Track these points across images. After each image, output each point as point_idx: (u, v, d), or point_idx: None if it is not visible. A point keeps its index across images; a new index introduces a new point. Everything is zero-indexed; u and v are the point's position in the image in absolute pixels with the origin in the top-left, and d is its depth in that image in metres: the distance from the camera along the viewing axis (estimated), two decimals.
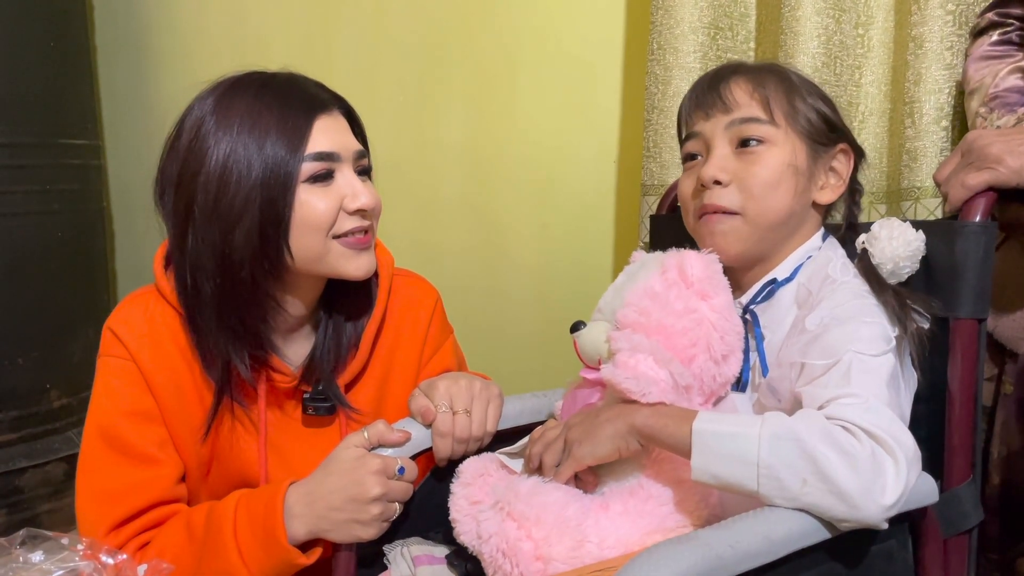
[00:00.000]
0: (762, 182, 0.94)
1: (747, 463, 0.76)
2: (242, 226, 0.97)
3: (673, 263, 0.90)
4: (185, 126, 1.02)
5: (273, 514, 0.95)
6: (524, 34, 1.80)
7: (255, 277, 1.00)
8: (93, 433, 1.04)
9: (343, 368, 1.09)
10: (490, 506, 0.86)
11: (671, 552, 0.67)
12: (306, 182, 0.98)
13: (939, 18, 1.30)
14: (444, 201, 1.92)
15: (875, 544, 0.83)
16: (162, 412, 1.04)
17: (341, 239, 1.01)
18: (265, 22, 2.02)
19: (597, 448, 0.85)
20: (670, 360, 0.84)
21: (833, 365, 0.83)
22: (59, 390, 1.92)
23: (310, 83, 1.05)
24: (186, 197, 1.00)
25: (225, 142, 0.98)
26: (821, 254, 0.97)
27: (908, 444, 0.76)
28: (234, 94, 1.01)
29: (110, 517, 1.00)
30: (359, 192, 1.01)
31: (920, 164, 1.33)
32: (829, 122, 0.98)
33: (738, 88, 0.97)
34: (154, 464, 1.03)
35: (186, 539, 0.98)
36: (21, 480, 1.85)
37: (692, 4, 1.50)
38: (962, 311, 0.91)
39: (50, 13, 1.88)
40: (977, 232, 0.91)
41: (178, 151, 1.02)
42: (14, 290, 1.83)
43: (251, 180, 0.97)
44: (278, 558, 0.94)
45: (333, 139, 1.01)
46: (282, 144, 0.98)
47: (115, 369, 1.05)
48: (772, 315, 0.95)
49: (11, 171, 1.81)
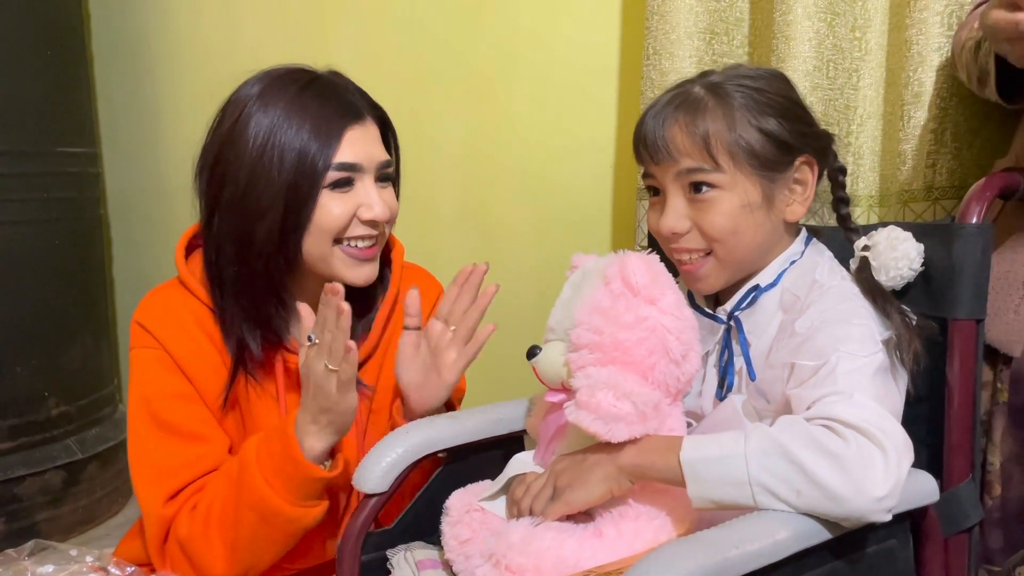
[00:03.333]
0: (720, 229, 0.93)
1: (740, 484, 0.77)
2: (264, 222, 1.02)
3: (615, 272, 0.88)
4: (227, 111, 1.06)
5: (286, 437, 0.99)
6: (520, 39, 1.81)
7: (269, 269, 1.05)
8: (140, 417, 1.07)
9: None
10: (485, 559, 0.85)
11: (678, 553, 0.68)
12: (327, 187, 1.03)
13: (927, 20, 1.30)
14: (441, 206, 1.93)
15: (877, 544, 0.84)
16: (199, 393, 1.07)
17: (344, 246, 1.06)
18: (261, 31, 2.03)
19: (591, 493, 0.86)
20: (630, 391, 0.83)
21: (821, 366, 0.84)
22: (57, 398, 1.92)
23: (350, 89, 1.09)
24: (218, 183, 1.04)
25: (260, 138, 1.01)
26: (806, 259, 0.97)
27: (896, 433, 0.77)
28: (277, 89, 1.04)
29: (166, 489, 1.04)
30: (374, 203, 1.06)
31: (908, 167, 1.33)
32: (780, 142, 0.93)
33: (678, 133, 0.92)
34: (203, 440, 1.07)
35: (226, 487, 1.03)
36: (19, 488, 1.84)
37: (687, 9, 1.51)
38: (960, 312, 0.92)
39: (47, 22, 1.89)
40: (974, 234, 0.92)
41: (217, 136, 1.06)
42: (12, 298, 1.83)
43: (280, 180, 1.01)
44: (301, 476, 0.99)
45: (360, 150, 1.05)
46: (313, 150, 1.01)
47: (148, 359, 1.08)
48: (756, 320, 0.96)
49: (9, 179, 1.81)
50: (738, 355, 0.96)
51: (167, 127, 2.19)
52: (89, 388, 2.02)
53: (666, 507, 0.86)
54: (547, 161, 1.84)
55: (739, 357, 0.96)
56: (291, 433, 0.99)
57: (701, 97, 0.93)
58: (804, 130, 0.95)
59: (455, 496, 1.01)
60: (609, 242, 1.83)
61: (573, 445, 0.92)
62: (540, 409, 1.03)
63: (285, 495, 0.99)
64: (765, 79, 0.96)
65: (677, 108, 0.93)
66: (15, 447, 1.84)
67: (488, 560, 0.84)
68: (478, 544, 0.93)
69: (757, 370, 0.94)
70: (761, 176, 0.93)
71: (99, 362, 2.06)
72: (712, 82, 0.95)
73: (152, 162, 2.23)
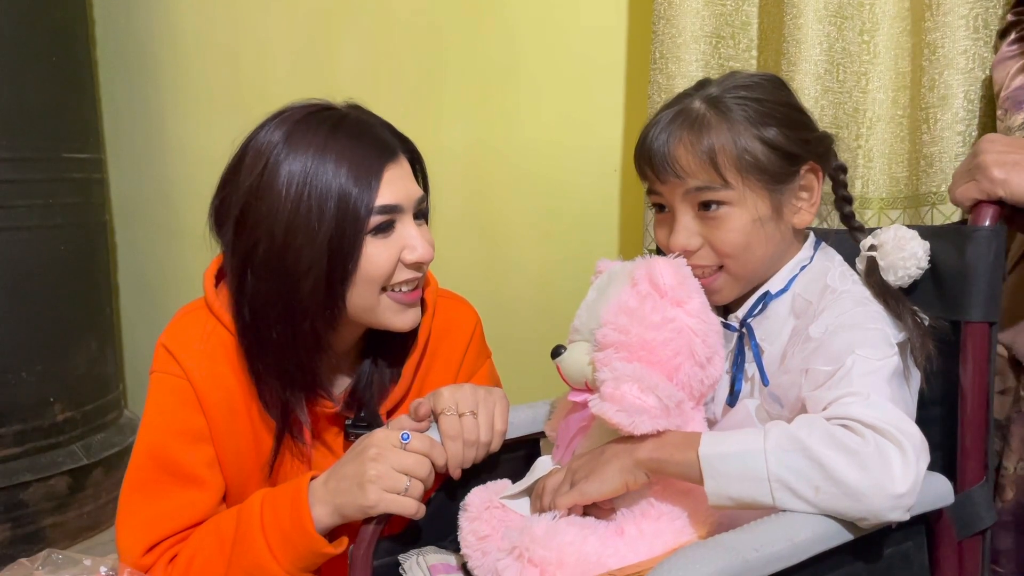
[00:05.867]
0: (732, 245, 0.93)
1: (758, 479, 0.76)
2: (309, 278, 0.96)
3: (643, 274, 0.88)
4: (248, 160, 0.98)
5: (298, 504, 0.95)
6: (526, 43, 1.81)
7: (316, 328, 0.99)
8: (143, 452, 1.03)
9: (385, 397, 1.09)
10: (507, 552, 0.85)
11: (698, 556, 0.68)
12: (369, 233, 0.97)
13: (952, 24, 1.30)
14: (446, 211, 1.91)
15: (894, 546, 0.84)
16: (212, 432, 1.03)
17: (392, 293, 1.01)
18: (266, 36, 2.03)
19: (605, 484, 0.86)
20: (655, 385, 0.83)
21: (837, 370, 0.83)
22: (62, 403, 1.92)
23: (378, 124, 1.03)
24: (250, 238, 0.97)
25: (295, 187, 0.95)
26: (816, 264, 0.97)
27: (913, 433, 0.77)
28: (304, 132, 0.97)
29: (149, 538, 1.00)
30: (416, 244, 1.00)
31: (935, 169, 1.33)
32: (785, 153, 0.92)
33: (683, 152, 0.92)
34: (200, 485, 1.02)
35: (215, 544, 0.98)
36: (25, 494, 1.84)
37: (694, 13, 1.52)
38: (973, 314, 0.92)
39: (52, 28, 1.89)
40: (987, 237, 0.91)
41: (241, 184, 0.98)
42: (17, 303, 1.84)
43: (322, 231, 0.94)
44: (305, 548, 0.94)
45: (399, 190, 0.99)
46: (354, 195, 0.95)
47: (169, 387, 1.03)
48: (768, 327, 0.96)
49: (13, 185, 1.82)
50: (750, 361, 0.96)
51: (171, 133, 2.20)
52: (94, 393, 2.02)
53: (688, 508, 0.85)
54: (553, 164, 1.85)
55: (751, 363, 0.96)
56: (304, 497, 0.95)
57: (703, 113, 0.92)
58: (806, 136, 0.95)
59: (475, 492, 1.00)
60: (616, 245, 1.83)
61: (594, 444, 0.92)
62: (561, 410, 1.03)
63: (286, 564, 0.95)
64: (763, 87, 0.95)
65: (680, 126, 0.92)
66: (21, 453, 1.85)
67: (510, 553, 0.84)
68: (496, 540, 0.93)
69: (770, 376, 0.94)
70: (769, 189, 0.93)
71: (104, 367, 2.06)
72: (711, 95, 0.94)
73: (156, 168, 2.23)
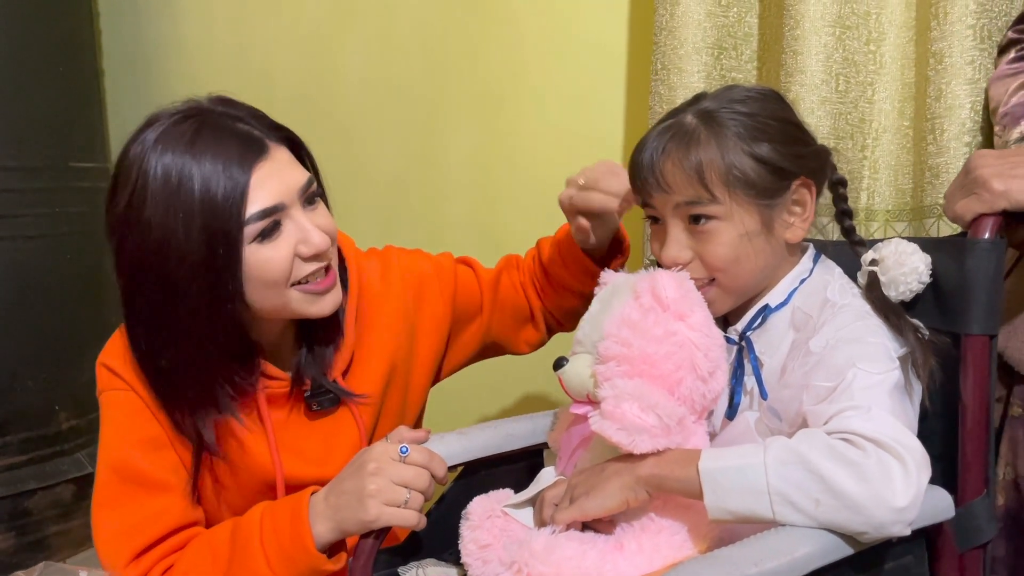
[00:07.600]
0: (721, 259, 0.93)
1: (758, 493, 0.77)
2: (190, 302, 0.93)
3: (646, 287, 0.89)
4: (118, 183, 0.95)
5: (298, 519, 0.95)
6: (529, 53, 1.82)
7: (220, 346, 0.97)
8: (106, 469, 1.04)
9: (331, 363, 1.08)
10: (507, 566, 0.85)
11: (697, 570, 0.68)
12: (253, 242, 0.94)
13: (959, 33, 1.29)
14: (450, 220, 1.93)
15: (894, 560, 0.84)
16: (169, 436, 1.03)
17: (301, 286, 0.99)
18: (271, 44, 2.04)
19: (606, 501, 0.86)
20: (656, 403, 0.84)
21: (838, 384, 0.84)
22: (68, 412, 1.93)
23: (244, 117, 0.98)
24: (125, 272, 0.96)
25: (159, 211, 0.91)
26: (815, 277, 0.97)
27: (914, 447, 0.77)
28: (165, 150, 0.93)
29: (129, 549, 1.00)
30: (310, 236, 0.96)
31: (942, 181, 1.31)
32: (775, 168, 0.92)
33: (671, 167, 0.92)
34: (169, 490, 1.03)
35: (210, 558, 0.98)
36: (30, 502, 1.85)
37: (696, 25, 1.51)
38: (973, 327, 0.92)
39: (58, 38, 1.90)
40: (987, 249, 0.91)
41: (114, 211, 0.95)
42: (23, 312, 1.84)
43: (193, 257, 0.91)
44: (306, 565, 0.94)
45: (274, 187, 0.94)
46: (220, 212, 0.91)
47: (117, 401, 1.04)
48: (767, 340, 0.96)
49: (20, 194, 1.82)
50: (749, 375, 0.96)
51: None
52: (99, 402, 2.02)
53: (688, 523, 0.86)
54: (556, 176, 1.84)
55: (750, 377, 0.96)
56: (304, 512, 0.95)
57: (693, 128, 0.92)
58: (800, 151, 0.95)
59: (477, 501, 1.01)
60: None
61: (596, 457, 0.93)
62: (564, 422, 1.03)
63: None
64: (758, 102, 0.95)
65: (670, 140, 0.93)
66: (25, 461, 1.85)
67: (509, 568, 0.84)
68: (497, 550, 0.93)
69: (769, 389, 0.94)
70: (758, 204, 0.92)
71: None
72: (704, 110, 0.94)
73: None
